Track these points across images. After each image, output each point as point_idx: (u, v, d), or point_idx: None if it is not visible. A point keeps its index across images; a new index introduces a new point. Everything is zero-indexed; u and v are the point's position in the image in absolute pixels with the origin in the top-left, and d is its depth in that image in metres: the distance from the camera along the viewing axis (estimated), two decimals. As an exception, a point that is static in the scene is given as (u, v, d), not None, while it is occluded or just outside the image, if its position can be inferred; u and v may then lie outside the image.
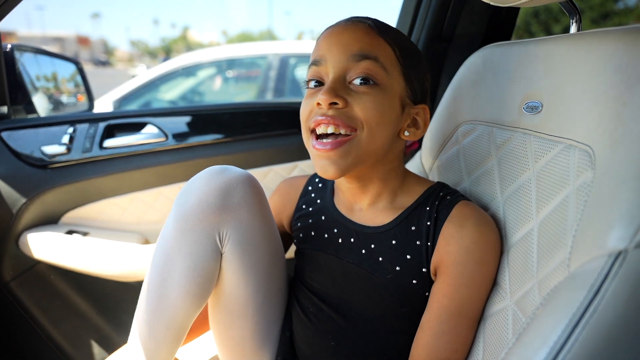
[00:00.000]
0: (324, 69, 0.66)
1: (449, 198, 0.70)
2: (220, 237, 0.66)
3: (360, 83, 0.64)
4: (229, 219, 0.65)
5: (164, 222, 1.35)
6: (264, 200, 0.71)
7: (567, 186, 0.54)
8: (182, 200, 0.66)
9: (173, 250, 0.65)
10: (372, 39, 0.65)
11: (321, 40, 0.68)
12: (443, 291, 0.65)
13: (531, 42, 0.73)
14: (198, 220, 0.64)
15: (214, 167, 0.68)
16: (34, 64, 1.50)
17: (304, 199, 0.84)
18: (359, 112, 0.63)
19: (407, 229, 0.70)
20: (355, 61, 0.64)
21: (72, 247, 1.19)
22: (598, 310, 0.39)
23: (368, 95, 0.64)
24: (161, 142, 1.32)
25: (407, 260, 0.68)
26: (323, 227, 0.78)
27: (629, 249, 0.40)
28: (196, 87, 3.63)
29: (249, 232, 0.68)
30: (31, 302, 1.25)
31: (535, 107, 0.66)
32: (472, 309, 0.64)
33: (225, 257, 0.67)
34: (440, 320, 0.64)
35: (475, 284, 0.64)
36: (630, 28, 0.53)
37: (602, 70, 0.53)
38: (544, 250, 0.55)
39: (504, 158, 0.72)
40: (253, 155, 1.38)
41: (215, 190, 0.65)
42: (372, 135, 0.64)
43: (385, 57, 0.65)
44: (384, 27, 0.67)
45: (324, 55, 0.66)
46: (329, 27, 0.69)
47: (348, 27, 0.66)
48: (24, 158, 1.22)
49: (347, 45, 0.64)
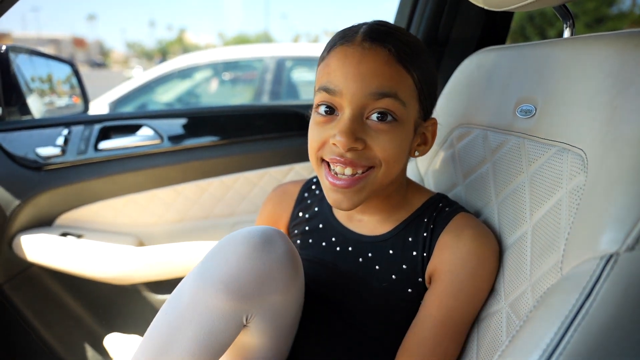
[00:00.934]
0: (339, 100, 0.61)
1: (447, 210, 0.69)
2: (247, 318, 0.60)
3: (379, 118, 0.61)
4: (261, 303, 0.59)
5: (158, 224, 1.35)
6: (300, 270, 0.65)
7: (560, 189, 0.55)
8: (210, 265, 0.59)
9: (188, 313, 0.58)
10: (392, 70, 0.60)
11: (335, 63, 0.62)
12: (431, 298, 0.65)
13: (525, 46, 0.73)
14: (225, 300, 0.57)
15: (254, 236, 0.60)
16: (29, 65, 1.49)
17: (300, 206, 0.83)
18: (379, 152, 0.61)
19: (405, 240, 0.70)
20: (375, 99, 0.60)
21: (66, 249, 1.18)
22: (590, 312, 0.39)
23: (387, 134, 0.61)
24: (156, 144, 1.32)
25: (403, 270, 0.69)
26: (321, 234, 0.78)
27: (620, 252, 0.40)
28: (192, 90, 3.63)
29: (280, 310, 0.62)
30: (24, 305, 1.24)
31: (529, 110, 0.67)
32: (458, 320, 0.63)
33: (248, 327, 0.62)
34: (424, 327, 0.64)
35: (465, 295, 0.63)
36: (622, 33, 0.54)
37: (594, 74, 0.54)
38: (537, 253, 0.56)
39: (499, 161, 0.72)
40: (249, 158, 1.38)
41: (251, 273, 0.58)
42: (389, 171, 0.63)
43: (404, 89, 0.61)
44: (403, 48, 0.62)
45: (339, 86, 0.60)
46: (343, 45, 0.62)
47: (366, 55, 0.60)
48: (18, 160, 1.22)
49: (366, 80, 0.59)
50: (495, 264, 0.64)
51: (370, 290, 0.70)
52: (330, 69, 0.62)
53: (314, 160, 0.67)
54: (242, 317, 0.59)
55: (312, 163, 0.68)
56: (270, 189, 1.40)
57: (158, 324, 0.61)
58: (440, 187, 0.88)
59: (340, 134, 0.59)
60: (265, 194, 1.40)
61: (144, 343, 0.61)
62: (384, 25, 0.65)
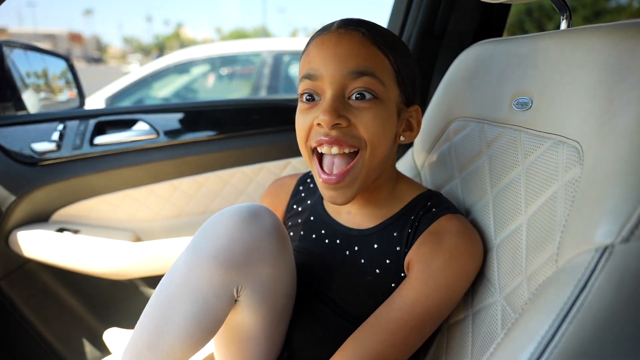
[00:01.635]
0: (320, 85, 0.63)
1: (434, 210, 0.69)
2: (237, 290, 0.61)
3: (358, 98, 0.62)
4: (250, 274, 0.61)
5: (155, 219, 1.35)
6: (288, 244, 0.67)
7: (556, 182, 0.55)
8: (201, 241, 0.61)
9: (180, 290, 0.60)
10: (368, 51, 0.63)
11: (313, 51, 0.64)
12: (403, 285, 0.65)
13: (521, 38, 0.73)
14: (215, 271, 0.59)
15: (242, 210, 0.63)
16: (24, 60, 1.48)
17: (294, 199, 0.85)
18: (362, 130, 0.62)
19: (390, 235, 0.70)
20: (353, 78, 0.62)
21: (63, 245, 1.18)
22: (585, 305, 0.39)
23: (368, 111, 0.62)
24: (152, 139, 1.31)
25: (386, 265, 0.69)
26: (311, 227, 0.79)
27: (615, 244, 0.40)
28: (189, 85, 3.61)
29: (269, 283, 0.64)
30: (21, 301, 1.24)
31: (526, 103, 0.66)
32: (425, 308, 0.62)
33: (239, 303, 0.63)
34: (391, 307, 0.63)
35: (434, 283, 0.62)
36: (618, 24, 0.53)
37: (590, 66, 0.53)
38: (533, 246, 0.56)
39: (495, 154, 0.72)
40: (245, 153, 1.38)
41: (240, 244, 0.60)
42: (374, 153, 0.64)
43: (381, 69, 0.63)
44: (377, 33, 0.65)
45: (319, 69, 0.63)
46: (320, 35, 0.65)
47: (342, 38, 0.63)
48: (14, 155, 1.21)
49: (343, 59, 0.62)
50: (472, 263, 0.64)
51: (356, 282, 0.71)
52: (310, 57, 0.65)
53: (305, 153, 0.67)
54: (233, 289, 0.60)
55: (305, 158, 0.68)
56: (267, 183, 1.40)
57: (153, 302, 0.62)
58: (437, 180, 0.88)
59: (323, 112, 0.61)
60: (262, 188, 1.40)
61: (141, 323, 0.63)
62: (357, 18, 0.67)
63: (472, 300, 0.67)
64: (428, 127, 0.95)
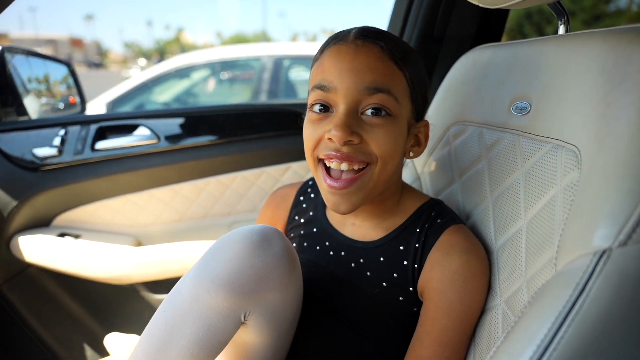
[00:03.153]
0: (333, 97, 0.62)
1: (439, 221, 0.69)
2: (245, 315, 0.60)
3: (372, 114, 0.61)
4: (259, 300, 0.59)
5: (156, 224, 1.35)
6: (297, 268, 0.65)
7: (555, 186, 0.55)
8: (209, 264, 0.59)
9: (186, 313, 0.58)
10: (385, 66, 0.61)
11: (328, 61, 0.62)
12: (425, 317, 0.65)
13: (520, 43, 0.74)
14: (223, 298, 0.57)
15: (253, 234, 0.60)
16: (26, 65, 1.49)
17: (296, 210, 0.84)
18: (374, 147, 0.61)
19: (396, 248, 0.70)
20: (369, 93, 0.60)
21: (64, 249, 1.18)
22: (583, 308, 0.39)
23: (381, 128, 0.61)
24: (153, 144, 1.32)
25: (393, 278, 0.69)
26: (315, 239, 0.78)
27: (613, 247, 0.40)
28: (190, 89, 3.62)
29: (277, 307, 0.62)
30: (23, 306, 1.24)
31: (524, 107, 0.67)
32: (454, 338, 0.63)
33: (246, 324, 0.62)
34: (422, 345, 0.64)
35: (456, 313, 0.62)
36: (615, 29, 0.54)
37: (588, 71, 0.54)
38: (532, 250, 0.56)
39: (494, 159, 0.72)
40: (246, 157, 1.38)
41: (250, 270, 0.58)
42: (384, 168, 0.63)
43: (397, 85, 0.62)
44: (394, 47, 0.63)
45: (333, 81, 0.61)
46: (336, 44, 0.63)
47: (359, 51, 0.61)
48: (15, 160, 1.22)
49: (360, 73, 0.60)
50: (484, 280, 0.64)
51: (363, 295, 0.71)
52: (324, 67, 0.63)
53: (311, 161, 0.66)
54: (240, 315, 0.59)
55: (309, 164, 0.67)
56: (268, 188, 1.40)
57: (157, 322, 0.61)
58: (437, 184, 0.89)
59: (335, 127, 0.59)
60: (262, 192, 1.40)
61: (142, 341, 0.61)
62: (375, 28, 0.66)
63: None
64: (428, 131, 0.96)
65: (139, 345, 0.61)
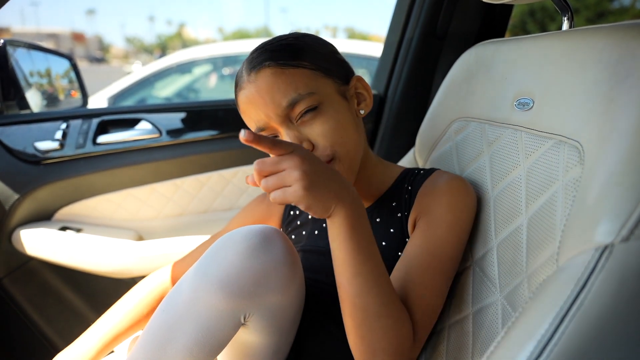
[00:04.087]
0: (272, 127, 0.66)
1: (422, 172, 0.75)
2: (245, 317, 0.60)
3: (301, 115, 0.65)
4: (259, 303, 0.59)
5: (158, 218, 1.35)
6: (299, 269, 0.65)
7: (557, 181, 0.55)
8: (209, 265, 0.59)
9: (185, 312, 0.58)
10: (284, 80, 0.64)
11: (246, 107, 0.67)
12: (416, 235, 0.67)
13: (523, 39, 0.73)
14: (222, 299, 0.57)
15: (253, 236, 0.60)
16: (28, 59, 1.49)
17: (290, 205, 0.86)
18: (323, 141, 0.65)
19: (389, 205, 0.74)
20: (290, 109, 0.64)
21: (66, 243, 1.19)
22: (584, 304, 0.39)
23: (315, 121, 0.65)
24: (155, 138, 1.32)
25: (391, 234, 0.72)
26: (311, 225, 0.80)
27: (615, 243, 0.40)
28: (191, 84, 3.61)
29: (278, 309, 0.62)
30: (24, 299, 1.25)
31: (527, 103, 0.67)
32: (444, 250, 0.65)
33: (246, 325, 0.62)
34: (410, 257, 0.65)
35: (447, 223, 0.66)
36: (620, 25, 0.54)
37: (591, 66, 0.54)
38: (534, 246, 0.56)
39: (496, 154, 0.72)
40: (247, 152, 1.38)
41: (250, 272, 0.57)
42: (346, 151, 0.67)
43: (306, 82, 0.65)
44: (279, 54, 0.66)
45: (262, 120, 0.66)
46: (241, 91, 0.68)
47: (258, 83, 0.65)
48: (17, 154, 1.22)
49: (273, 100, 0.64)
50: (470, 198, 0.69)
51: None
52: (248, 114, 0.68)
53: None
54: (240, 316, 0.59)
55: None
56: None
57: (156, 321, 0.61)
58: (438, 180, 0.88)
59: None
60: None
61: (142, 339, 0.61)
62: (260, 48, 0.68)
63: (472, 300, 0.67)
64: (429, 126, 0.95)
65: (139, 343, 0.61)
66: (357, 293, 0.57)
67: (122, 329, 0.80)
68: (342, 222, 0.55)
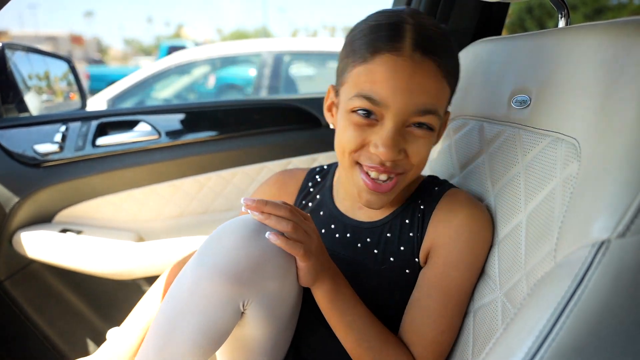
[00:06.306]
0: (381, 110, 0.61)
1: (436, 189, 0.72)
2: (244, 304, 0.60)
3: (416, 126, 0.63)
4: (257, 289, 0.60)
5: (158, 219, 1.36)
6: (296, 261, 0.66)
7: (554, 178, 0.55)
8: (207, 254, 0.60)
9: (187, 302, 0.59)
10: (437, 87, 0.62)
11: (382, 73, 0.60)
12: (433, 271, 0.67)
13: (520, 37, 0.74)
14: (221, 285, 0.57)
15: (250, 223, 0.61)
16: (26, 62, 1.49)
17: (303, 194, 0.85)
18: (414, 158, 0.64)
19: (402, 222, 0.72)
20: (418, 115, 0.61)
21: (66, 245, 1.19)
22: (582, 299, 0.39)
23: (422, 140, 0.63)
24: (154, 139, 1.32)
25: (400, 252, 0.71)
26: (321, 222, 0.79)
27: (611, 238, 0.40)
28: (191, 85, 3.62)
29: (276, 297, 0.63)
30: (25, 301, 1.25)
31: (524, 101, 0.67)
32: (460, 290, 0.66)
33: (245, 315, 0.62)
34: (429, 297, 0.66)
35: (464, 264, 0.66)
36: (615, 22, 0.54)
37: (588, 63, 0.54)
38: (532, 242, 0.56)
39: (494, 152, 0.72)
40: (246, 152, 1.38)
41: (246, 259, 0.58)
42: (417, 172, 0.67)
43: (443, 104, 0.64)
44: (447, 61, 0.63)
45: (386, 99, 0.60)
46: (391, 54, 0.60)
47: (416, 70, 0.59)
48: (17, 157, 1.22)
49: (413, 96, 0.60)
50: (488, 233, 0.67)
51: (369, 273, 0.72)
52: (375, 77, 0.61)
53: (346, 161, 0.66)
54: (239, 303, 0.60)
55: (343, 162, 0.68)
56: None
57: (161, 315, 0.62)
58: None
59: (384, 146, 0.61)
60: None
61: (149, 334, 0.63)
62: (429, 28, 0.63)
63: (472, 298, 0.67)
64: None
65: (149, 334, 0.63)
66: (352, 346, 0.66)
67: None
68: (323, 295, 0.64)
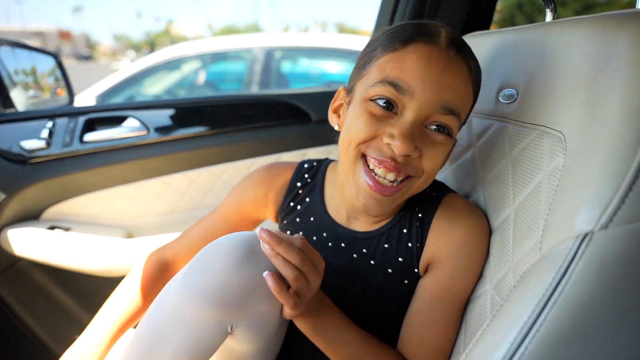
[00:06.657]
0: (404, 100, 0.58)
1: (433, 194, 0.69)
2: (232, 327, 0.58)
3: (435, 129, 0.60)
4: (246, 313, 0.57)
5: (147, 216, 1.35)
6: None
7: (541, 172, 0.55)
8: (195, 276, 0.57)
9: (173, 320, 0.57)
10: (465, 90, 0.60)
11: (414, 62, 0.57)
12: (437, 282, 0.65)
13: (507, 31, 0.74)
14: (209, 310, 0.55)
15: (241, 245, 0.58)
16: (12, 57, 1.47)
17: (291, 196, 0.79)
18: (426, 164, 0.60)
19: (399, 232, 0.69)
20: (442, 112, 0.58)
21: (54, 243, 1.18)
22: (566, 290, 0.40)
23: (439, 146, 0.60)
24: (143, 135, 1.31)
25: (399, 263, 0.69)
26: (311, 229, 0.75)
27: (595, 230, 0.41)
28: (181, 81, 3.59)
29: (266, 318, 0.60)
30: (13, 299, 1.23)
31: (512, 95, 0.67)
32: (463, 298, 0.65)
33: (233, 334, 0.60)
34: (433, 310, 0.65)
35: (471, 273, 0.65)
36: (600, 16, 0.54)
37: (573, 57, 0.54)
38: (520, 235, 0.57)
39: (483, 147, 0.73)
40: (237, 148, 1.38)
41: (237, 284, 0.56)
42: (425, 182, 0.63)
43: (466, 110, 0.62)
44: (477, 68, 0.62)
45: (413, 87, 0.57)
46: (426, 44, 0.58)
47: (450, 66, 0.58)
48: (3, 153, 1.20)
49: (442, 90, 0.57)
50: (488, 239, 0.66)
51: (365, 284, 0.70)
52: (406, 65, 0.58)
53: (352, 154, 0.62)
54: (227, 327, 0.57)
55: (347, 155, 0.63)
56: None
57: (143, 328, 0.60)
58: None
59: (400, 137, 0.57)
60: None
61: (130, 346, 0.60)
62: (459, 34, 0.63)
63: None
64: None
65: (127, 350, 0.60)
66: None
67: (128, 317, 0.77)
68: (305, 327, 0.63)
